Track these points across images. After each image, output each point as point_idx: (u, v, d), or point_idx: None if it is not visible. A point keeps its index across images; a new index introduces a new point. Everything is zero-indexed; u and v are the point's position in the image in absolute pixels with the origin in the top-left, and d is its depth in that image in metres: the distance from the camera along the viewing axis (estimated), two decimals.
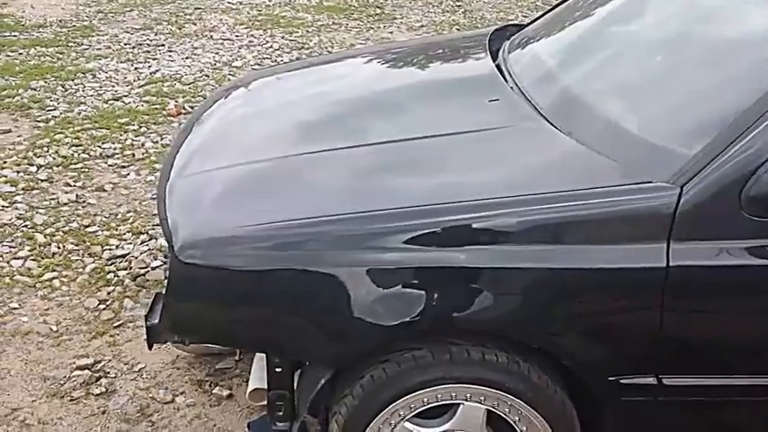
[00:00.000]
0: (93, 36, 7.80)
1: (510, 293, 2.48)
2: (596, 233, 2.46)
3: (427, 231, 2.48)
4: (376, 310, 2.47)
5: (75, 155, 5.43)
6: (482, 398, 2.57)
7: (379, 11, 8.93)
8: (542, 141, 2.83)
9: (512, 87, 3.20)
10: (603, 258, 2.42)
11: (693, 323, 2.52)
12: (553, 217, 2.46)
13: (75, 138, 5.66)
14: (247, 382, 3.10)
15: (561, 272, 2.45)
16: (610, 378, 2.52)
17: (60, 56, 7.25)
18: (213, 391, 3.49)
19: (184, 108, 6.17)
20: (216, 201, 2.82)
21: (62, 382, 3.52)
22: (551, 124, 2.85)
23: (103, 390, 3.48)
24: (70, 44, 7.56)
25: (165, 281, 2.67)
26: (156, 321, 2.74)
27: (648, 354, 2.51)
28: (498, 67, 3.41)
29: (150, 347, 2.88)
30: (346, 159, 2.89)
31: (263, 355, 2.80)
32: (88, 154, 5.47)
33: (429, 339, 2.55)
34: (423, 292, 2.46)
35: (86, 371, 3.57)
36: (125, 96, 6.41)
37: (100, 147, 5.56)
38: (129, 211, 4.78)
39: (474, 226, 2.48)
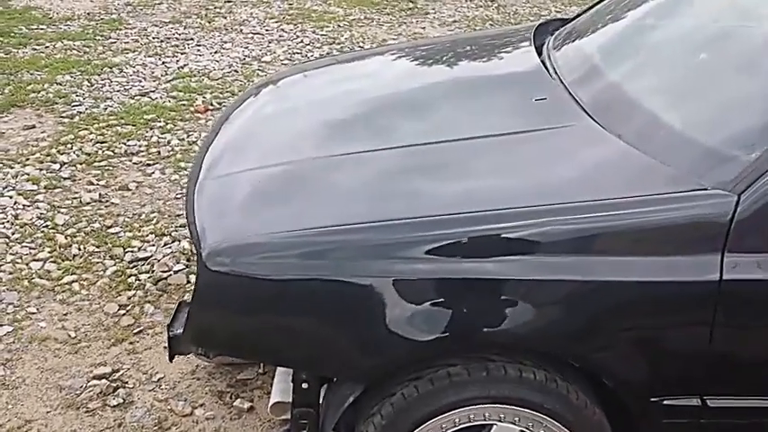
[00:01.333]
0: (120, 29, 7.71)
1: (551, 307, 2.36)
2: (644, 244, 2.34)
3: (463, 241, 2.37)
4: (410, 323, 2.36)
5: (100, 152, 5.34)
6: (516, 418, 2.46)
7: (411, 5, 8.79)
8: (589, 143, 2.69)
9: (557, 85, 3.07)
10: (651, 271, 2.30)
11: (745, 341, 2.41)
12: (598, 226, 2.34)
13: (100, 134, 5.57)
14: (269, 394, 2.97)
15: (605, 285, 2.33)
16: (652, 399, 2.41)
17: (87, 49, 7.16)
18: (234, 404, 3.38)
19: (212, 104, 6.07)
20: (244, 205, 2.72)
21: (78, 392, 3.41)
22: (599, 124, 2.72)
23: (121, 401, 3.37)
24: (98, 37, 7.47)
25: (192, 289, 2.57)
26: (180, 332, 2.64)
27: (694, 373, 2.40)
28: (543, 63, 3.28)
29: (171, 359, 2.79)
30: (378, 162, 2.77)
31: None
32: (113, 151, 5.37)
33: (464, 355, 2.44)
34: (459, 305, 2.36)
35: (104, 380, 3.46)
36: (152, 92, 6.31)
37: (125, 144, 5.47)
38: (152, 212, 4.68)
39: (513, 235, 2.36)
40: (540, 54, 3.36)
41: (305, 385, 2.59)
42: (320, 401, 2.64)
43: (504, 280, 2.33)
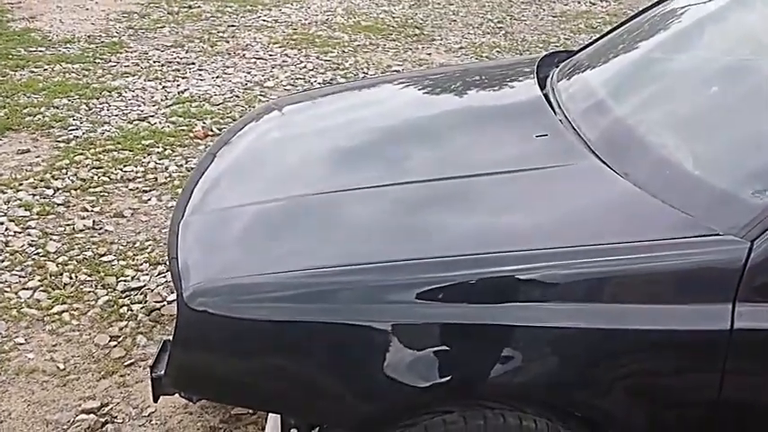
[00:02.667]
0: (121, 53, 7.60)
1: (552, 355, 2.27)
2: (651, 291, 2.24)
3: (462, 285, 2.28)
4: (407, 368, 2.27)
5: (95, 178, 5.23)
6: None
7: (417, 31, 8.69)
8: (593, 184, 2.60)
9: (560, 120, 2.96)
10: (658, 319, 2.21)
11: (756, 392, 2.31)
12: (602, 272, 2.25)
13: (96, 159, 5.46)
14: (263, 430, 2.91)
15: (609, 333, 2.23)
16: None
17: (86, 73, 7.06)
18: None
19: (212, 130, 5.96)
20: (236, 243, 2.63)
21: (66, 427, 3.30)
22: (604, 163, 2.61)
23: None
24: (97, 61, 7.37)
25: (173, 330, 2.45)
26: (162, 373, 2.52)
27: (703, 423, 2.31)
28: (546, 96, 3.17)
29: (156, 400, 2.67)
30: (376, 200, 2.69)
31: None
32: (109, 177, 5.26)
33: (461, 402, 2.33)
34: (456, 351, 2.27)
35: (92, 415, 3.35)
36: (151, 117, 6.20)
37: (121, 170, 5.36)
38: (147, 240, 4.57)
39: (512, 280, 2.27)
40: (543, 87, 3.26)
41: (294, 431, 2.51)
42: None
43: (505, 326, 2.24)
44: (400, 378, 2.25)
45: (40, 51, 7.54)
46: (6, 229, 4.59)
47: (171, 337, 2.46)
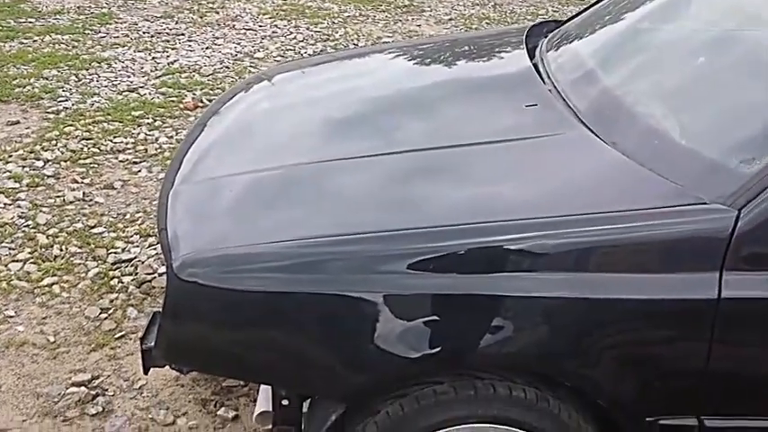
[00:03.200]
0: (111, 24, 7.57)
1: (540, 325, 2.26)
2: (639, 260, 2.24)
3: (451, 254, 2.26)
4: (398, 339, 2.25)
5: (85, 149, 5.21)
6: None
7: (407, 3, 8.66)
8: (582, 153, 2.58)
9: (549, 90, 2.94)
10: (646, 288, 2.20)
11: (744, 360, 2.31)
12: (590, 242, 2.23)
13: (86, 131, 5.44)
14: (255, 402, 2.86)
15: (597, 302, 2.22)
16: (647, 419, 2.31)
17: (76, 44, 7.03)
18: (218, 412, 3.25)
19: (202, 101, 5.92)
20: (226, 213, 2.61)
21: (56, 399, 3.28)
22: (593, 133, 2.60)
23: (100, 409, 3.25)
24: (87, 32, 7.34)
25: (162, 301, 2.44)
26: (152, 345, 2.51)
27: (691, 392, 2.31)
28: (535, 66, 3.16)
29: (146, 372, 2.65)
30: (367, 170, 2.67)
31: None
32: (98, 148, 5.25)
33: (452, 373, 2.32)
34: (446, 322, 2.25)
35: (83, 387, 3.33)
36: (141, 88, 6.18)
37: (111, 141, 5.34)
38: (137, 212, 4.55)
39: (501, 250, 2.25)
40: (532, 57, 3.24)
41: (285, 402, 2.49)
42: (302, 419, 2.54)
43: (495, 296, 2.23)
44: (391, 349, 2.24)
45: (30, 23, 7.51)
46: None
47: (161, 309, 2.44)
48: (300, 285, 2.28)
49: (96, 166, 5.04)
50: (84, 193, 4.69)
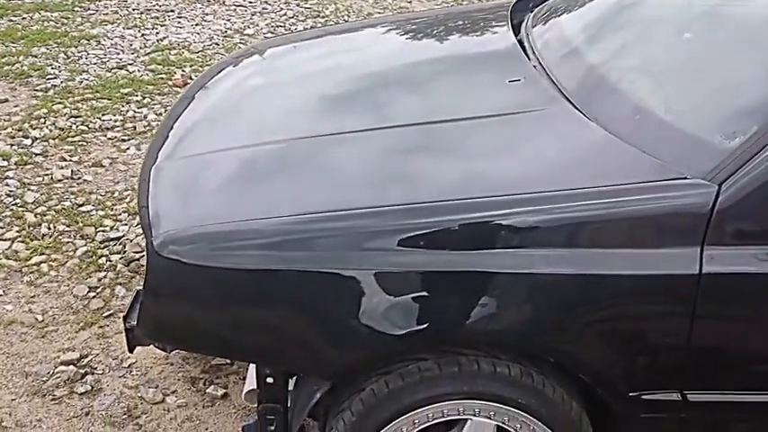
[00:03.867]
0: (100, 0, 7.49)
1: (523, 301, 2.26)
2: (620, 235, 2.23)
3: (433, 231, 2.25)
4: (383, 316, 2.24)
5: (74, 127, 5.19)
6: (492, 413, 2.36)
7: None
8: (565, 129, 2.57)
9: (534, 66, 2.94)
10: (628, 264, 2.19)
11: (726, 335, 2.31)
12: (571, 217, 2.22)
13: (75, 108, 5.42)
14: (244, 380, 2.89)
15: (579, 278, 2.21)
16: (630, 394, 2.32)
17: (65, 21, 6.99)
18: (207, 390, 3.26)
19: (191, 78, 5.86)
20: (211, 189, 2.58)
21: (45, 378, 3.29)
22: (576, 109, 2.60)
23: (89, 388, 3.26)
24: (76, 9, 7.29)
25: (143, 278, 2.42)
26: (135, 323, 2.50)
27: (674, 367, 2.31)
28: (521, 42, 3.15)
29: (131, 351, 2.64)
30: (354, 146, 2.66)
31: None
32: (87, 126, 5.23)
33: (436, 350, 2.33)
34: (431, 298, 2.24)
35: (71, 366, 3.34)
36: (129, 65, 6.16)
37: (100, 119, 5.33)
38: (126, 189, 4.53)
39: (483, 227, 2.25)
40: (518, 33, 3.23)
41: (270, 380, 2.47)
42: (288, 397, 2.53)
43: (478, 273, 2.22)
44: (376, 326, 2.24)
45: (19, 0, 7.45)
46: None
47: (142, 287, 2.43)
48: (286, 263, 2.26)
49: (85, 143, 5.03)
50: (72, 171, 4.68)
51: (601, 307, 2.26)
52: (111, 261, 3.96)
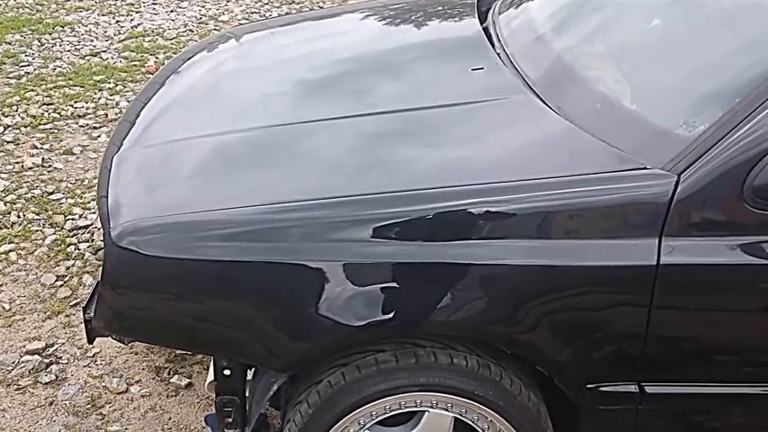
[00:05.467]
0: None
1: (479, 292, 2.23)
2: (578, 226, 2.22)
3: (390, 222, 2.23)
4: (339, 308, 2.22)
5: (46, 114, 5.18)
6: (449, 405, 2.36)
7: None
8: (526, 118, 2.55)
9: (499, 54, 2.92)
10: (585, 255, 2.19)
11: (683, 327, 2.30)
12: (528, 207, 2.21)
13: (47, 96, 5.41)
14: (208, 369, 2.84)
15: (536, 269, 2.21)
16: (588, 386, 2.33)
17: (40, 7, 6.97)
18: (171, 380, 3.26)
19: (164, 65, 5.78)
20: (176, 179, 2.54)
21: (10, 368, 3.29)
22: (539, 98, 2.59)
23: (53, 377, 3.26)
24: None
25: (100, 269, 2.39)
26: (92, 314, 2.48)
27: (631, 359, 2.30)
28: (486, 30, 3.13)
29: (90, 342, 2.64)
30: (322, 133, 2.62)
31: None
32: (59, 113, 5.23)
33: (393, 341, 2.32)
34: (388, 289, 2.23)
35: (36, 356, 3.34)
36: (103, 52, 6.14)
37: (72, 106, 5.33)
38: (96, 177, 4.30)
39: (439, 217, 2.22)
40: (483, 20, 3.21)
41: (227, 372, 2.47)
42: (245, 388, 2.54)
43: (434, 264, 2.21)
44: (336, 317, 2.22)
45: None
46: None
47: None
48: (246, 254, 2.24)
49: (56, 131, 5.02)
50: (43, 159, 4.67)
51: (557, 297, 2.24)
52: (79, 249, 3.95)
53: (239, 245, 2.25)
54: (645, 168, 2.18)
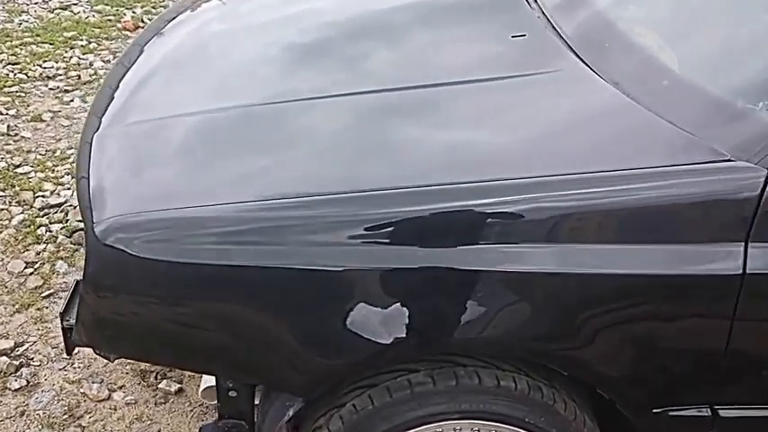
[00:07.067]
0: None
1: (529, 303, 1.98)
2: (646, 228, 1.94)
3: (426, 223, 1.95)
4: (363, 321, 1.96)
5: (11, 75, 5.01)
6: None
7: None
8: (576, 95, 2.26)
9: (538, 17, 2.63)
10: (656, 262, 1.93)
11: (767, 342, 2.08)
12: (587, 206, 1.94)
13: (12, 54, 5.25)
14: (201, 375, 2.58)
15: (595, 278, 1.94)
16: (654, 410, 2.11)
17: None
18: (159, 386, 2.99)
19: (142, 21, 5.71)
20: (165, 164, 2.25)
21: None
22: (591, 69, 2.28)
23: (24, 383, 2.97)
24: None
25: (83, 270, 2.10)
26: (73, 322, 2.19)
27: (705, 379, 2.10)
28: None
29: (69, 354, 2.32)
30: (329, 112, 2.33)
31: None
32: (26, 74, 5.01)
33: (429, 359, 2.07)
34: (421, 299, 1.98)
35: (4, 357, 3.06)
36: (74, 5, 6.00)
37: (40, 66, 5.10)
38: (69, 148, 4.28)
39: (483, 217, 1.95)
40: None
41: (233, 394, 2.24)
42: (254, 412, 2.30)
43: (474, 271, 1.94)
44: (361, 332, 1.96)
45: None
46: None
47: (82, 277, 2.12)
48: (256, 258, 1.97)
49: (23, 94, 4.79)
50: (8, 127, 4.44)
51: (622, 310, 2.00)
52: (51, 231, 3.68)
53: (242, 247, 1.98)
54: (727, 160, 1.90)
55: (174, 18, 3.12)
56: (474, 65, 2.47)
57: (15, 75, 4.95)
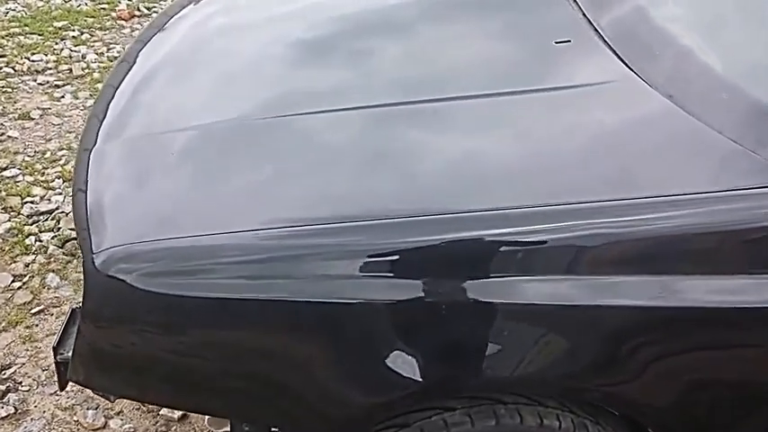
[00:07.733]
0: None
1: (577, 338, 1.88)
2: (699, 258, 1.85)
3: (463, 251, 1.85)
4: (394, 358, 1.85)
5: None
6: None
7: None
8: (624, 110, 2.12)
9: (582, 20, 2.47)
10: (712, 293, 1.83)
11: None
12: (635, 233, 1.83)
13: None
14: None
15: (648, 311, 1.85)
16: None
17: None
18: (161, 412, 2.85)
19: (139, 10, 5.68)
20: (170, 185, 2.11)
21: None
22: (643, 80, 2.14)
23: (12, 410, 2.83)
24: None
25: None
26: (69, 356, 2.06)
27: (759, 413, 2.01)
28: None
29: (62, 389, 2.19)
30: (348, 127, 2.19)
31: None
32: (13, 68, 4.91)
33: (466, 396, 1.97)
34: (457, 333, 1.87)
35: None
36: None
37: (28, 59, 5.01)
38: (60, 149, 4.15)
39: (524, 246, 1.86)
40: None
41: (246, 428, 2.15)
42: None
43: (514, 305, 1.85)
44: (393, 368, 1.85)
45: None
46: None
47: (80, 305, 1.98)
48: (268, 291, 1.85)
49: (10, 90, 4.69)
50: None
51: (675, 347, 1.90)
52: (41, 241, 3.56)
53: (257, 282, 1.87)
54: None
55: (177, 13, 3.02)
56: (509, 73, 2.34)
57: (1, 69, 4.89)
